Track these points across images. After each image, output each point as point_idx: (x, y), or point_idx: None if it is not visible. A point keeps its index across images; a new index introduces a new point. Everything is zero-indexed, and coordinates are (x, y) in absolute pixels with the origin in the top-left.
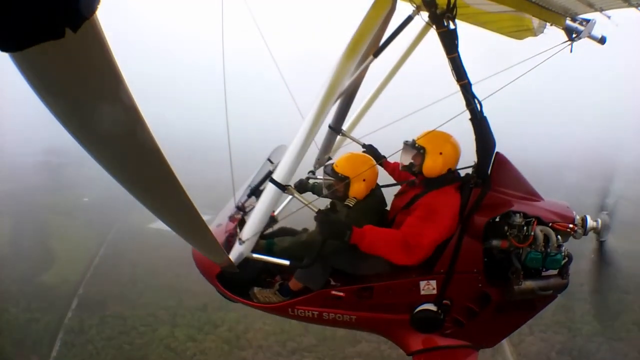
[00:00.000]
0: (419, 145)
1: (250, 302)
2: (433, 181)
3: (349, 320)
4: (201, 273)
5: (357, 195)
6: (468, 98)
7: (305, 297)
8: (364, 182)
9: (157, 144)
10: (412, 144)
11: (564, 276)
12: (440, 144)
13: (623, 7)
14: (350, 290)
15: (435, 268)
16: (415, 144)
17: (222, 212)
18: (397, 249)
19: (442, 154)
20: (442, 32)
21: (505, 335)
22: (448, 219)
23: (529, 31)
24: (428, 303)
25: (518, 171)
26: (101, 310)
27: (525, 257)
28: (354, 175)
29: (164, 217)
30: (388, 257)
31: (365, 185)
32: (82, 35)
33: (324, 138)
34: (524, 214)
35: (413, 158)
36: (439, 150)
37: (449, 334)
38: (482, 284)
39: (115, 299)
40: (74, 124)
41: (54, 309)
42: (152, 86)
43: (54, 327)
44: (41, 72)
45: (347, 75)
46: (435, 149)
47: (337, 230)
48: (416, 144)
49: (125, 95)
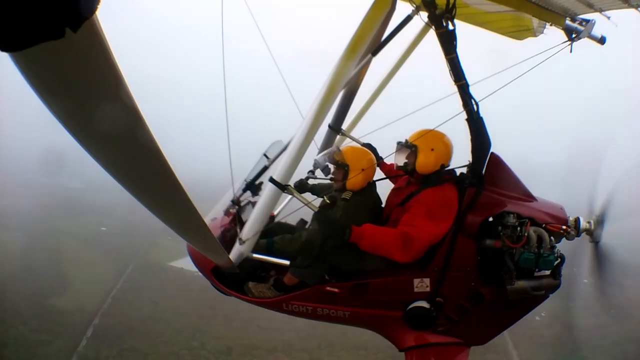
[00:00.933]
0: (410, 143)
1: (245, 296)
2: (428, 178)
3: (342, 316)
4: (196, 267)
5: (354, 186)
6: (465, 98)
7: (300, 293)
8: (362, 173)
9: (157, 144)
10: (405, 144)
11: (556, 277)
12: (431, 141)
13: (623, 8)
14: (345, 287)
15: (429, 266)
16: (407, 143)
17: (217, 205)
18: (395, 246)
19: (433, 150)
20: (441, 32)
21: (497, 333)
22: (446, 214)
23: (529, 31)
24: (421, 300)
25: (512, 172)
26: (119, 343)
27: (519, 257)
28: (353, 164)
29: (164, 217)
30: (387, 254)
31: (363, 177)
32: (82, 35)
33: (324, 138)
34: (517, 215)
35: (407, 157)
36: (431, 146)
37: (442, 331)
38: (475, 282)
39: (135, 334)
40: (74, 124)
41: (66, 335)
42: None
43: (66, 353)
44: (41, 72)
45: (347, 75)
46: (427, 145)
47: (337, 230)
48: (408, 142)
49: (126, 95)
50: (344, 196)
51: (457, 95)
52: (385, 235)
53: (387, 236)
